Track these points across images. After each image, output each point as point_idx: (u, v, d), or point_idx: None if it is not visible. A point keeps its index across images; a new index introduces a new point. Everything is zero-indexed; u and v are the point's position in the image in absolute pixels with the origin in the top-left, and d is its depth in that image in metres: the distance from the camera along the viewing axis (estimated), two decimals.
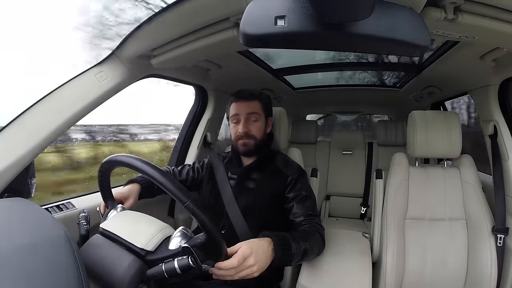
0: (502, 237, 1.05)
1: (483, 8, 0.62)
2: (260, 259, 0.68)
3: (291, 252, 0.76)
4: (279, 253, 0.73)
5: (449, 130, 1.14)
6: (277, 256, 0.72)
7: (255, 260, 0.66)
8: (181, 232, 0.63)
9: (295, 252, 0.77)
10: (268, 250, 0.71)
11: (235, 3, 0.65)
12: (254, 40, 0.43)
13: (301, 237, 0.82)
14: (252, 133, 1.01)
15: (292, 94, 2.10)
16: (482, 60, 1.00)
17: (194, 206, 0.57)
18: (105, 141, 1.98)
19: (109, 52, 0.90)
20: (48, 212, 0.67)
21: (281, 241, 0.75)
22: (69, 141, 1.72)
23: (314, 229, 0.90)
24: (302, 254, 0.80)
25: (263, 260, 0.69)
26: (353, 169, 2.25)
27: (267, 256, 0.70)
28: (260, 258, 0.68)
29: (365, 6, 0.39)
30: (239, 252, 0.65)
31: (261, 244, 0.71)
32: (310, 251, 0.83)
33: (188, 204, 0.57)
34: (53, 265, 0.45)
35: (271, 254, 0.72)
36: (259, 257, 0.67)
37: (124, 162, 0.65)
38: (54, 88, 0.82)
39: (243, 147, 1.02)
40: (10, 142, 0.74)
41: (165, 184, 0.58)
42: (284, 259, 0.75)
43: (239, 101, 1.04)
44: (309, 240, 0.84)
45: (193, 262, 0.57)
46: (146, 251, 0.61)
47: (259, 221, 0.96)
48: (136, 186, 0.94)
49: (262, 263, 0.68)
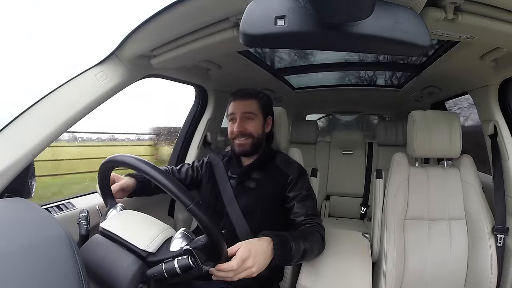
0: (502, 237, 1.05)
1: (483, 8, 0.62)
2: (259, 260, 0.68)
3: (291, 252, 0.76)
4: (278, 253, 0.73)
5: (449, 130, 1.14)
6: (277, 256, 0.73)
7: (253, 262, 0.67)
8: (182, 234, 0.64)
9: (295, 252, 0.77)
10: (268, 250, 0.71)
11: (235, 3, 0.65)
12: (254, 40, 0.43)
13: (301, 237, 0.82)
14: (248, 131, 1.01)
15: (292, 94, 2.10)
16: (482, 60, 1.00)
17: (197, 209, 0.58)
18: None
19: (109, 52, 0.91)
20: (48, 212, 0.67)
21: (281, 241, 0.75)
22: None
23: (315, 229, 0.90)
24: (302, 254, 0.80)
25: (262, 260, 0.69)
26: (353, 169, 2.25)
27: (266, 256, 0.71)
28: (259, 259, 0.68)
29: (365, 6, 0.39)
30: (237, 254, 0.66)
31: (260, 244, 0.71)
32: (310, 251, 0.83)
33: (191, 207, 0.57)
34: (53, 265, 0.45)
35: (271, 254, 0.72)
36: (258, 258, 0.68)
37: (125, 162, 0.65)
38: (54, 88, 0.82)
39: (238, 147, 1.02)
40: (10, 142, 0.74)
41: (168, 186, 0.58)
42: (283, 259, 0.75)
43: (236, 100, 1.04)
44: (309, 240, 0.84)
45: (193, 262, 0.57)
46: (147, 253, 0.61)
47: (260, 220, 0.96)
48: (132, 181, 0.95)
49: (261, 264, 0.69)
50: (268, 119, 1.08)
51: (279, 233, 0.77)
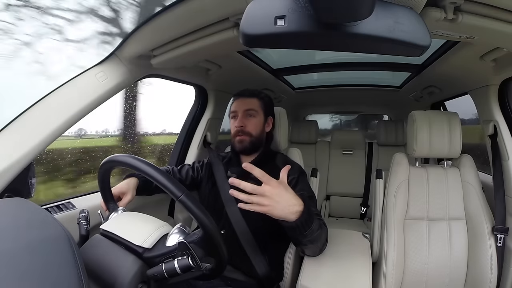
0: (502, 237, 1.05)
1: (483, 8, 0.62)
2: (275, 208, 0.70)
3: (311, 225, 0.76)
4: (302, 219, 0.73)
5: (449, 130, 1.14)
6: (299, 221, 0.73)
7: (269, 203, 0.69)
8: (178, 229, 0.63)
9: (313, 229, 0.77)
10: (291, 209, 0.72)
11: (235, 3, 0.65)
12: (254, 40, 0.43)
13: (318, 224, 0.82)
14: (248, 129, 1.02)
15: (292, 94, 2.10)
16: (482, 60, 1.00)
17: (188, 200, 0.58)
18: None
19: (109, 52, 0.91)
20: (48, 212, 0.67)
21: (309, 211, 0.76)
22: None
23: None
24: (314, 237, 0.80)
25: (277, 211, 0.70)
26: (353, 169, 2.25)
27: (284, 212, 0.71)
28: (276, 208, 0.70)
29: (365, 6, 0.39)
30: (265, 187, 0.69)
31: (289, 198, 0.72)
32: (319, 238, 0.84)
33: (182, 198, 0.57)
34: (53, 265, 0.45)
35: (290, 214, 0.72)
36: (276, 205, 0.70)
37: (123, 161, 0.65)
38: (54, 88, 0.82)
39: (239, 144, 1.03)
40: (10, 142, 0.74)
41: (159, 180, 0.59)
42: (298, 231, 0.75)
43: (238, 98, 1.07)
44: (322, 229, 0.85)
45: (193, 262, 0.57)
46: (143, 249, 0.61)
47: (259, 220, 0.95)
48: (134, 180, 0.96)
49: (275, 211, 0.70)
50: (269, 119, 1.09)
51: (310, 208, 0.78)
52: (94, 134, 1.85)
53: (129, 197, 0.90)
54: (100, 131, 1.88)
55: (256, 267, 0.93)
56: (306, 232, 0.76)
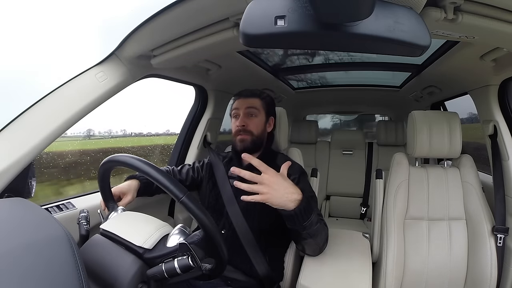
0: (502, 237, 1.05)
1: (483, 8, 0.62)
2: (274, 196, 0.72)
3: (310, 216, 0.77)
4: (301, 207, 0.75)
5: (449, 130, 1.14)
6: (295, 210, 0.74)
7: (267, 191, 0.72)
8: (179, 230, 0.64)
9: (312, 220, 0.78)
10: (289, 196, 0.74)
11: (235, 3, 0.65)
12: (254, 40, 0.43)
13: (317, 218, 0.83)
14: (249, 128, 1.02)
15: (292, 94, 2.10)
16: (482, 60, 1.00)
17: (189, 201, 0.58)
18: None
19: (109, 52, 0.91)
20: (48, 212, 0.67)
21: (307, 202, 0.77)
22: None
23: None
24: (314, 230, 0.81)
25: (275, 198, 0.73)
26: (353, 169, 2.25)
27: (283, 200, 0.73)
28: (274, 195, 0.72)
29: (365, 6, 0.39)
30: (264, 175, 0.72)
31: (287, 186, 0.74)
32: (319, 234, 0.84)
33: (183, 200, 0.57)
34: (53, 265, 0.45)
35: (289, 201, 0.74)
36: (274, 193, 0.72)
37: (123, 161, 0.65)
38: (54, 88, 0.82)
39: (240, 143, 1.03)
40: (10, 142, 0.74)
41: (160, 180, 0.59)
42: (297, 221, 0.76)
43: (240, 97, 1.07)
44: (321, 224, 0.85)
45: (193, 262, 0.57)
46: (144, 249, 0.61)
47: (260, 220, 0.96)
48: (135, 182, 0.96)
49: (273, 199, 0.72)
50: (270, 119, 1.09)
51: (309, 201, 0.79)
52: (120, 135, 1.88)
53: (129, 198, 0.90)
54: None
55: (256, 267, 0.93)
56: (305, 223, 0.77)
